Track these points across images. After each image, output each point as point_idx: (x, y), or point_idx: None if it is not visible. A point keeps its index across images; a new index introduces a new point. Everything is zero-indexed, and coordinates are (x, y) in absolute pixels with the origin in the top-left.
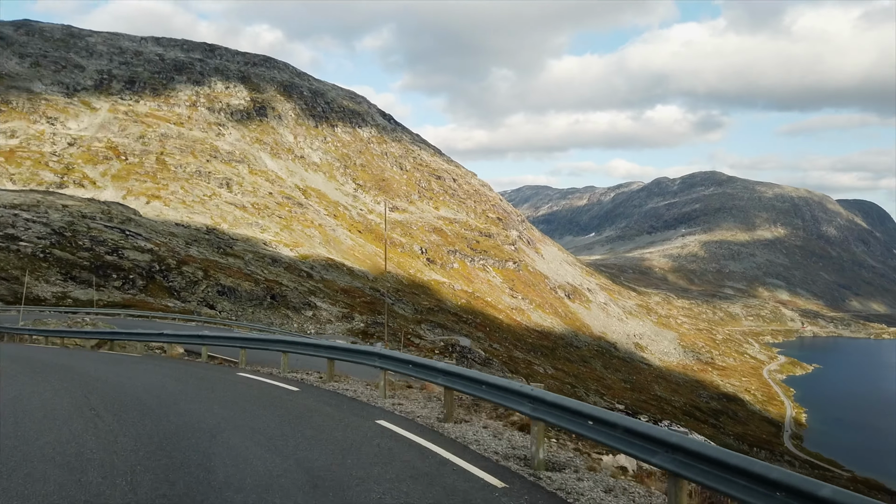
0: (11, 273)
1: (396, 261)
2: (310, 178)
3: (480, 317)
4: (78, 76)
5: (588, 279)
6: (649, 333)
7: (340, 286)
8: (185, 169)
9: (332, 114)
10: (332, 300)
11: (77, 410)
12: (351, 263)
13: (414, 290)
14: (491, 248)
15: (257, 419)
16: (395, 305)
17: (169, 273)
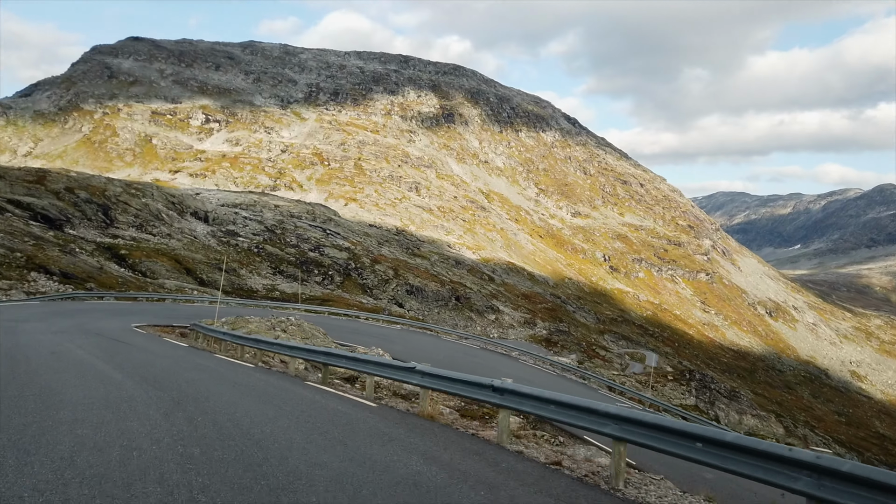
0: (230, 265)
1: (577, 268)
2: (493, 182)
3: (668, 331)
4: (291, 89)
5: (794, 296)
6: (869, 361)
7: (521, 291)
8: (378, 174)
9: (517, 119)
10: (513, 305)
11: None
12: (531, 268)
13: (595, 298)
14: (680, 258)
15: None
16: (575, 313)
17: (363, 271)
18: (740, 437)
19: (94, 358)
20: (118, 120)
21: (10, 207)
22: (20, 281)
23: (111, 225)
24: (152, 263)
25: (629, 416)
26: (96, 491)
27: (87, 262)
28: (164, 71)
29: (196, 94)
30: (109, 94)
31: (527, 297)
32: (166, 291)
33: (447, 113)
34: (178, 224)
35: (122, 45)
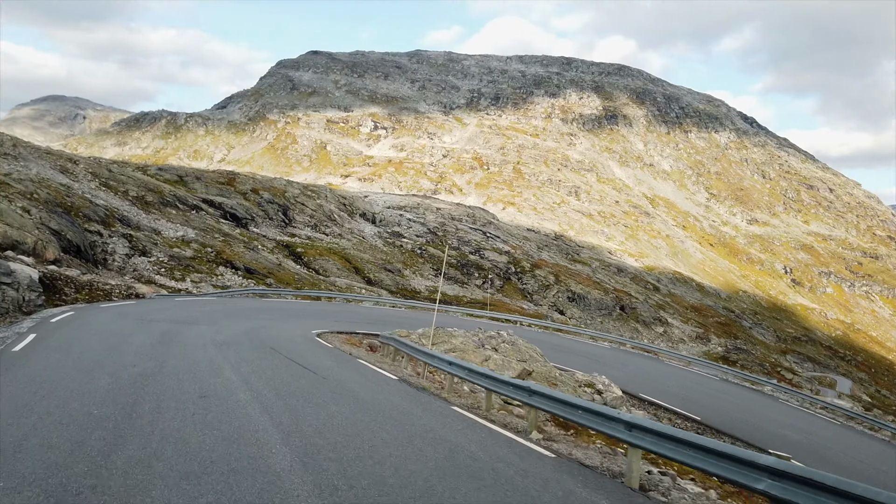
0: (395, 266)
1: (753, 280)
2: (658, 186)
3: (862, 354)
4: (453, 95)
5: None
6: None
7: (689, 303)
8: (537, 177)
9: (686, 119)
10: (682, 317)
11: None
12: (700, 279)
13: (774, 314)
14: (878, 273)
15: None
16: (752, 330)
17: (523, 276)
18: None
19: (264, 415)
20: (298, 128)
21: (204, 206)
22: (210, 274)
23: (289, 224)
24: (324, 261)
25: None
26: None
27: (267, 259)
28: (338, 81)
29: (366, 103)
30: (291, 105)
31: (696, 309)
32: (337, 290)
33: (610, 114)
34: (348, 225)
35: (303, 59)
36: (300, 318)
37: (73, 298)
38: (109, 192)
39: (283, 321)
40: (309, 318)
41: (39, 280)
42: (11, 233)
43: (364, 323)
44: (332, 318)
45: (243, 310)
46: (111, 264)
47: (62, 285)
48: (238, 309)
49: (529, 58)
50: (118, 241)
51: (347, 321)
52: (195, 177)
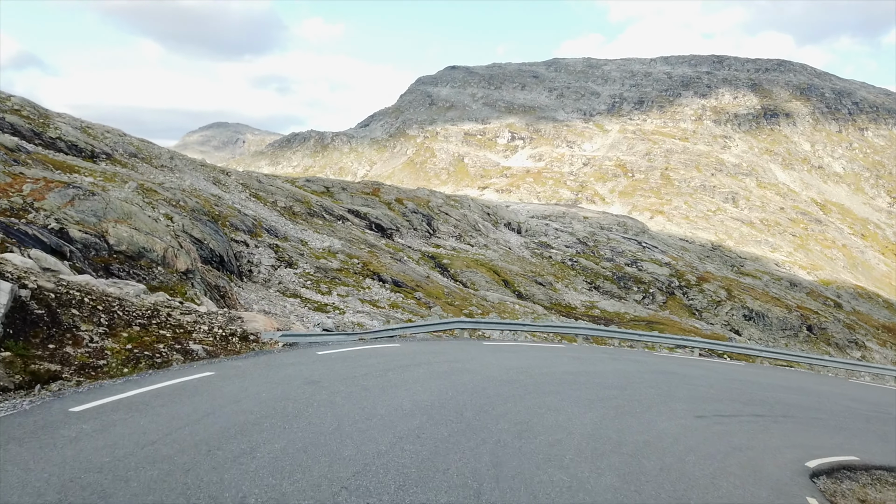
0: (546, 279)
1: None
2: (829, 190)
3: None
4: (593, 102)
5: None
6: None
7: (880, 322)
8: (688, 184)
9: (861, 115)
10: (877, 339)
11: None
12: (888, 295)
13: None
14: None
15: None
16: None
17: (688, 290)
18: None
19: None
20: (436, 142)
21: (349, 216)
22: (357, 287)
23: (433, 234)
24: (472, 273)
25: None
26: None
27: (414, 271)
28: (475, 94)
29: (503, 114)
30: (429, 120)
31: (889, 329)
32: (490, 305)
33: (770, 113)
34: (493, 235)
35: (441, 75)
36: (645, 406)
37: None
38: (258, 203)
39: (658, 418)
40: (659, 403)
41: (19, 308)
42: (138, 238)
43: (740, 404)
44: (710, 395)
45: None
46: (256, 276)
47: (88, 316)
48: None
49: (675, 58)
50: (264, 251)
51: (808, 421)
52: (341, 187)
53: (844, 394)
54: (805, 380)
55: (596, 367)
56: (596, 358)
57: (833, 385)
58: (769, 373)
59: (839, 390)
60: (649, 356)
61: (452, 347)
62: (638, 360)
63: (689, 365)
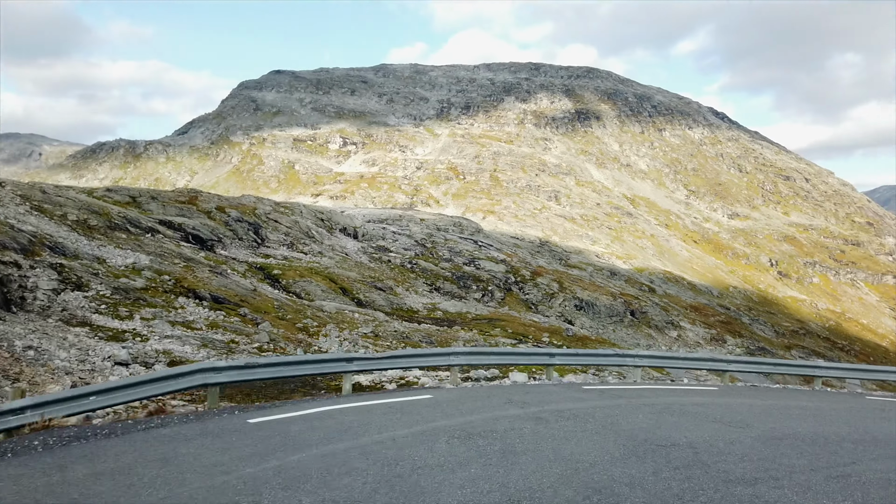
0: (386, 283)
1: (741, 274)
2: (637, 186)
3: (858, 343)
4: (423, 107)
5: None
6: None
7: (687, 303)
8: (515, 184)
9: (659, 117)
10: (688, 319)
11: None
12: (691, 277)
13: (767, 308)
14: (861, 260)
15: None
16: (752, 326)
17: (524, 285)
18: None
19: None
20: (263, 149)
21: (161, 228)
22: (167, 308)
23: (262, 244)
24: (306, 283)
25: None
26: None
27: (239, 284)
28: (303, 100)
29: (333, 119)
30: (255, 126)
31: (695, 309)
32: (327, 315)
33: (583, 116)
34: (329, 241)
35: (266, 79)
36: None
37: None
38: (42, 217)
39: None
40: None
41: None
42: None
43: None
44: None
45: None
46: (30, 304)
47: None
48: None
49: (497, 65)
50: (43, 272)
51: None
52: (150, 197)
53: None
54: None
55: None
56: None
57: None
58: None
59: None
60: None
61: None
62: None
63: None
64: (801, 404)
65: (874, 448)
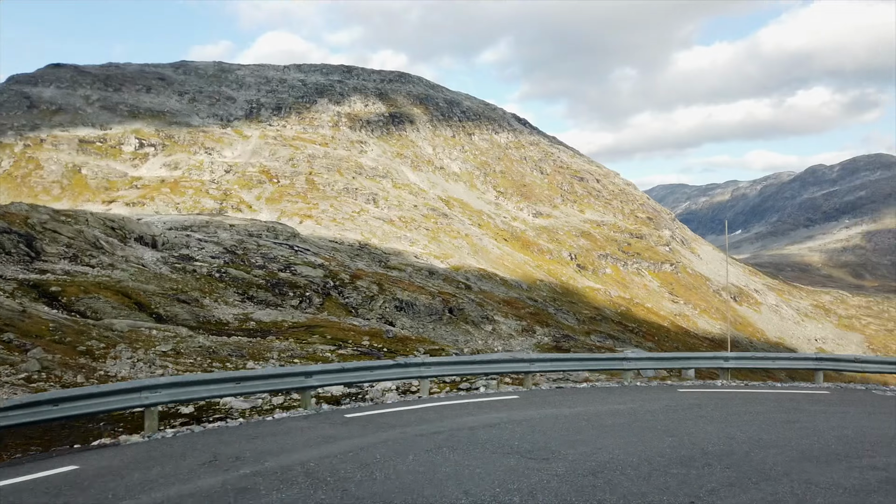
0: (191, 295)
1: (546, 269)
2: (451, 188)
3: (644, 325)
4: (230, 107)
5: (752, 279)
6: (832, 337)
7: (500, 297)
8: (332, 187)
9: (468, 122)
10: (501, 312)
11: None
12: (503, 273)
13: (569, 298)
14: (644, 251)
15: None
16: (557, 315)
17: (343, 289)
18: None
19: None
20: (42, 151)
21: None
22: None
23: (37, 258)
24: (93, 300)
25: None
26: None
27: (3, 306)
28: (89, 97)
29: (127, 119)
30: (31, 125)
31: (508, 303)
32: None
33: (397, 120)
34: (122, 252)
35: (43, 73)
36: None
37: None
38: None
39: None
40: None
41: None
42: None
43: None
44: None
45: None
46: None
47: None
48: None
49: (308, 66)
50: None
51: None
52: None
53: None
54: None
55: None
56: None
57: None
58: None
59: None
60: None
61: None
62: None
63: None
64: (614, 408)
65: (712, 470)
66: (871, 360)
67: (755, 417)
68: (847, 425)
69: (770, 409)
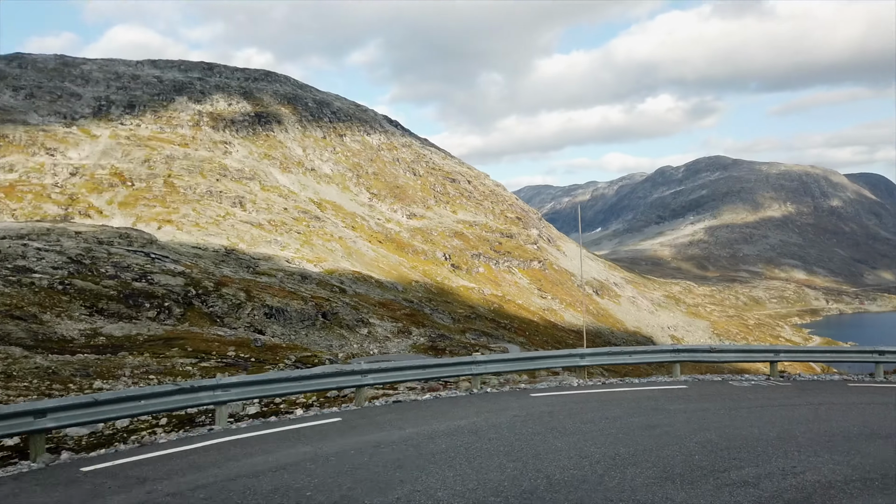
0: (28, 310)
1: (421, 269)
2: (323, 190)
3: (516, 321)
4: (75, 104)
5: (612, 273)
6: (682, 324)
7: (376, 300)
8: (194, 190)
9: (339, 123)
10: (377, 315)
11: None
12: (378, 275)
13: (445, 298)
14: (514, 249)
15: None
16: (433, 316)
17: (207, 297)
18: None
19: None
20: None
21: None
22: None
23: None
24: None
25: None
26: None
27: None
28: None
29: None
30: None
31: (383, 305)
32: None
33: (264, 120)
34: None
35: None
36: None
37: None
38: None
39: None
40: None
41: None
42: None
43: None
44: None
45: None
46: None
47: None
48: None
49: (164, 62)
50: None
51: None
52: None
53: None
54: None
55: None
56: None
57: None
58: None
59: None
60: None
61: None
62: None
63: None
64: (454, 425)
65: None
66: (726, 350)
67: (612, 424)
68: (709, 426)
69: (628, 411)
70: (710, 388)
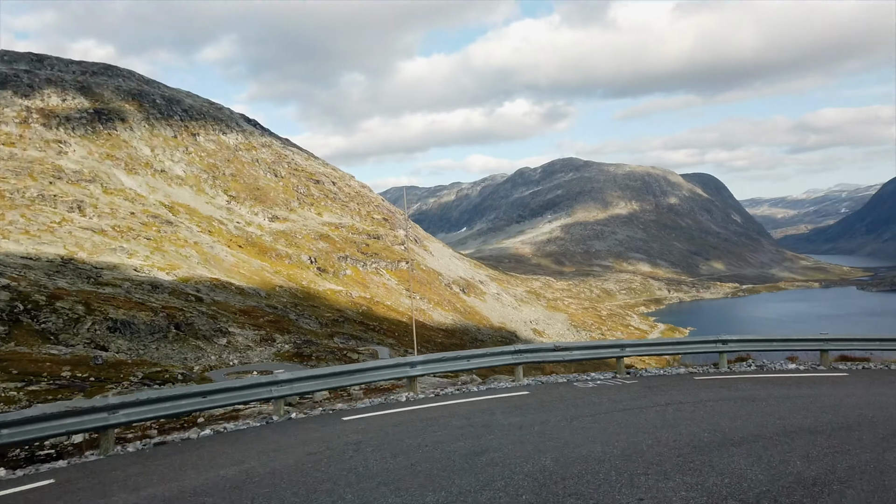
0: None
1: (286, 274)
2: (175, 192)
3: (385, 322)
4: None
5: (478, 272)
6: (543, 318)
7: (237, 307)
8: (23, 194)
9: (192, 121)
10: (238, 324)
11: None
12: (239, 282)
13: (311, 302)
14: (381, 251)
15: None
16: (298, 321)
17: (38, 313)
18: None
19: None
20: None
21: None
22: None
23: None
24: None
25: None
26: None
27: None
28: None
29: None
30: None
31: (245, 312)
32: None
33: (105, 117)
34: None
35: None
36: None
37: None
38: None
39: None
40: None
41: None
42: None
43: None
44: None
45: None
46: None
47: None
48: None
49: None
50: None
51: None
52: None
53: None
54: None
55: None
56: None
57: None
58: None
59: None
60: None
61: None
62: None
63: None
64: (219, 474)
65: None
66: (571, 348)
67: (429, 455)
68: (545, 447)
69: (453, 434)
70: (553, 392)
